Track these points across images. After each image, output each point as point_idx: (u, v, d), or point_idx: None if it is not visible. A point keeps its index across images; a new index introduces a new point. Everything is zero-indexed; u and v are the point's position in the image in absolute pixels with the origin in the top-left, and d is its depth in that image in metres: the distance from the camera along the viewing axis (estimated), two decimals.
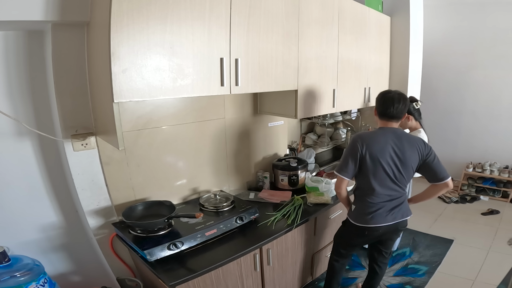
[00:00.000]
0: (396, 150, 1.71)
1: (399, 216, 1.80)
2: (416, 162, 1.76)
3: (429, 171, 1.78)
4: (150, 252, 1.48)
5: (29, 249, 1.64)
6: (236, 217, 1.82)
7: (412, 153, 1.73)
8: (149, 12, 1.30)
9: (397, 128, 1.79)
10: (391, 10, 3.10)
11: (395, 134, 1.75)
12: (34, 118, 1.61)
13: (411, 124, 2.51)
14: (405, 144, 1.73)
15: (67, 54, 1.49)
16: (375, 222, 1.77)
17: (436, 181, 1.78)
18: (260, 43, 1.78)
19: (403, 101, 1.74)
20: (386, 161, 1.71)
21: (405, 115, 1.85)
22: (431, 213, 3.63)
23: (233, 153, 2.32)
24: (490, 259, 2.68)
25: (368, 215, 1.77)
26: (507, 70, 3.82)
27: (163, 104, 1.86)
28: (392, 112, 1.74)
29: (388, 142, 1.72)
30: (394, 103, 1.73)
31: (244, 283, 1.76)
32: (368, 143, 1.72)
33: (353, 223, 1.84)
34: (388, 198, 1.77)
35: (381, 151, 1.71)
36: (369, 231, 1.80)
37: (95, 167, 1.67)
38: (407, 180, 1.79)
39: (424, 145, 1.76)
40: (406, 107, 1.76)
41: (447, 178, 1.76)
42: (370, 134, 1.78)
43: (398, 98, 1.74)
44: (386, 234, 1.85)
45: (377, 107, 1.82)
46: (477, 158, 4.20)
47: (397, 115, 1.76)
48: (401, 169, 1.74)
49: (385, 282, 2.41)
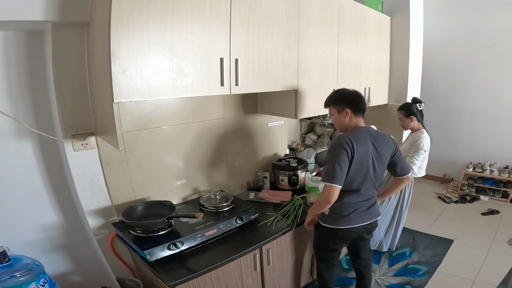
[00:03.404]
0: (375, 150, 1.69)
1: (374, 215, 1.82)
2: (388, 159, 1.76)
3: (396, 166, 1.81)
4: (150, 252, 1.48)
5: (29, 249, 1.64)
6: (236, 217, 1.82)
7: (387, 150, 1.74)
8: (149, 12, 1.30)
9: (369, 127, 1.77)
10: (391, 10, 3.10)
11: (370, 133, 1.71)
12: (34, 118, 1.61)
13: (414, 125, 2.51)
14: (380, 142, 1.71)
15: (67, 54, 1.49)
16: (352, 223, 1.73)
17: (402, 175, 1.84)
18: (260, 43, 1.78)
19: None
20: (369, 162, 1.68)
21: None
22: (431, 213, 3.63)
23: (233, 153, 2.32)
24: (490, 259, 2.68)
25: (345, 217, 1.72)
26: (507, 70, 3.82)
27: (163, 104, 1.86)
28: (364, 106, 1.73)
29: (368, 143, 1.67)
30: (362, 98, 1.74)
31: (244, 283, 1.76)
32: (354, 146, 1.60)
33: (327, 226, 1.77)
34: (366, 197, 1.75)
35: (365, 153, 1.66)
36: (343, 233, 1.76)
37: (95, 167, 1.67)
38: (380, 178, 1.79)
39: (392, 141, 1.78)
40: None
41: (410, 171, 1.87)
42: (353, 136, 1.65)
43: (360, 93, 1.76)
44: (359, 235, 1.83)
45: (350, 104, 1.70)
46: (477, 158, 4.20)
47: (365, 109, 1.75)
48: (378, 169, 1.73)
49: (385, 282, 2.41)
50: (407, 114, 2.51)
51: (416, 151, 2.41)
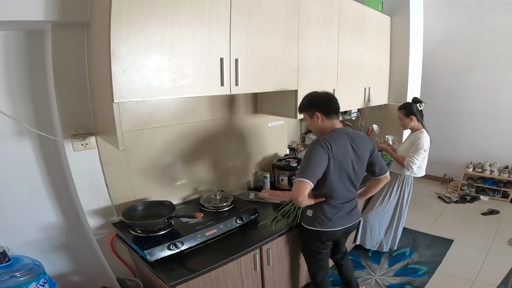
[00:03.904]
0: (354, 152, 1.68)
1: (356, 217, 1.83)
2: (367, 159, 1.76)
3: (375, 166, 1.81)
4: (150, 252, 1.48)
5: (29, 249, 1.64)
6: (236, 217, 1.82)
7: (366, 151, 1.73)
8: (149, 12, 1.30)
9: (347, 128, 1.75)
10: (391, 10, 3.10)
11: (348, 134, 1.69)
12: (34, 118, 1.62)
13: (414, 125, 2.51)
14: (359, 143, 1.70)
15: (67, 54, 1.49)
16: (335, 226, 1.74)
17: (381, 175, 1.84)
18: (260, 43, 1.78)
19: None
20: (349, 164, 1.67)
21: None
22: (431, 213, 3.63)
23: (233, 153, 2.32)
24: (490, 259, 2.68)
25: (329, 220, 1.73)
26: (507, 70, 3.81)
27: (163, 104, 1.86)
28: (337, 106, 1.71)
29: (347, 145, 1.66)
30: (333, 98, 1.73)
31: (244, 283, 1.76)
32: (333, 147, 1.59)
33: (311, 228, 1.77)
34: (348, 199, 1.76)
35: (344, 154, 1.65)
36: (326, 236, 1.76)
37: (95, 167, 1.67)
38: (360, 180, 1.79)
39: (369, 141, 1.78)
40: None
41: (388, 171, 1.88)
42: (331, 138, 1.63)
43: (332, 94, 1.75)
44: (341, 236, 1.86)
45: (320, 107, 1.68)
46: (477, 158, 4.20)
47: (339, 110, 1.73)
48: (358, 170, 1.73)
49: (385, 282, 2.41)
50: (407, 113, 2.51)
51: (416, 151, 2.41)
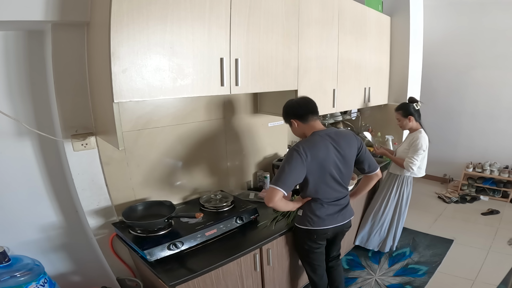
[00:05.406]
0: (338, 153, 1.68)
1: (347, 215, 1.83)
2: (354, 157, 1.76)
3: (364, 163, 1.81)
4: (150, 252, 1.48)
5: (29, 249, 1.64)
6: (236, 217, 1.82)
7: (351, 150, 1.73)
8: (149, 12, 1.30)
9: (329, 129, 1.74)
10: (391, 10, 3.10)
11: (329, 135, 1.68)
12: (34, 118, 1.62)
13: (412, 125, 2.51)
14: (342, 143, 1.69)
15: (67, 54, 1.49)
16: (325, 224, 1.75)
17: (370, 172, 1.83)
18: (260, 43, 1.78)
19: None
20: (332, 166, 1.67)
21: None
22: (431, 213, 3.63)
23: (233, 153, 2.32)
24: (490, 259, 2.68)
25: (318, 218, 1.73)
26: (507, 70, 3.81)
27: (163, 104, 1.86)
28: (311, 107, 1.70)
29: (328, 147, 1.65)
30: (308, 100, 1.72)
31: (244, 283, 1.76)
32: (312, 152, 1.60)
33: (302, 227, 1.78)
34: (335, 199, 1.76)
35: (326, 157, 1.64)
36: (317, 234, 1.77)
37: (95, 167, 1.67)
38: (349, 179, 1.79)
39: (356, 138, 1.77)
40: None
41: (378, 167, 1.85)
42: (310, 142, 1.64)
43: (307, 97, 1.74)
44: (334, 235, 1.85)
45: (296, 113, 1.70)
46: (477, 158, 4.20)
47: (317, 109, 1.72)
48: (344, 170, 1.72)
49: (385, 282, 2.41)
50: (405, 114, 2.51)
51: (415, 151, 2.41)
